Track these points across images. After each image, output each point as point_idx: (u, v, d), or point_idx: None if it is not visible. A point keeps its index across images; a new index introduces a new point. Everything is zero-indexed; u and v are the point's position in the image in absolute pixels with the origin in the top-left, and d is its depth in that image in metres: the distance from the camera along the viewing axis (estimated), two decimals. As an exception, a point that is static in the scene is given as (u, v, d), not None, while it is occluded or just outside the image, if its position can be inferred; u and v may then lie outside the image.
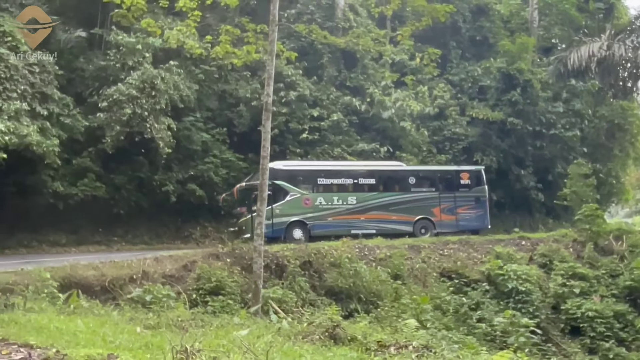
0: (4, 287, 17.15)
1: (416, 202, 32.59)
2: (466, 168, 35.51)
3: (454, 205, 33.21)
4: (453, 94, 42.38)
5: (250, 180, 30.26)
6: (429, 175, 34.46)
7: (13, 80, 28.95)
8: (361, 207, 31.54)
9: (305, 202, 30.76)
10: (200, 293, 20.15)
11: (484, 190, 34.29)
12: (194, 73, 35.84)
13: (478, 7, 46.02)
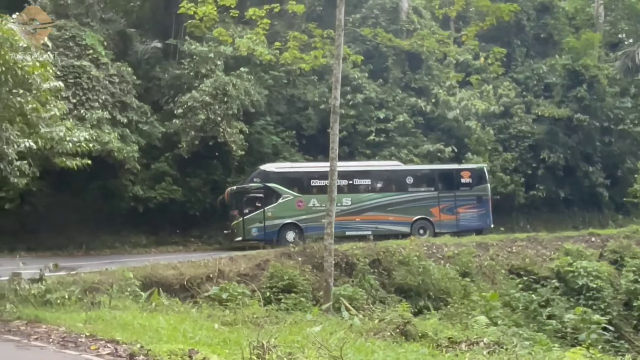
0: (90, 286, 17.72)
1: (414, 202, 31.19)
2: (467, 167, 33.84)
3: (454, 204, 31.68)
4: (518, 92, 41.48)
5: (243, 184, 30.11)
6: (427, 175, 32.95)
7: (95, 91, 29.92)
8: (356, 208, 30.49)
9: (298, 204, 29.93)
10: (273, 291, 20.35)
11: (487, 189, 32.70)
12: (263, 79, 36.18)
13: (542, 5, 44.94)
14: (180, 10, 21.12)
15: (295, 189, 30.13)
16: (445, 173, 33.06)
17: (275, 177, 29.81)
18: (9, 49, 13.71)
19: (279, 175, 30.07)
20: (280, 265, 21.63)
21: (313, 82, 37.63)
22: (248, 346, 9.24)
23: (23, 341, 10.56)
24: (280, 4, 23.74)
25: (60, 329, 11.41)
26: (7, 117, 15.26)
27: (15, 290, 14.77)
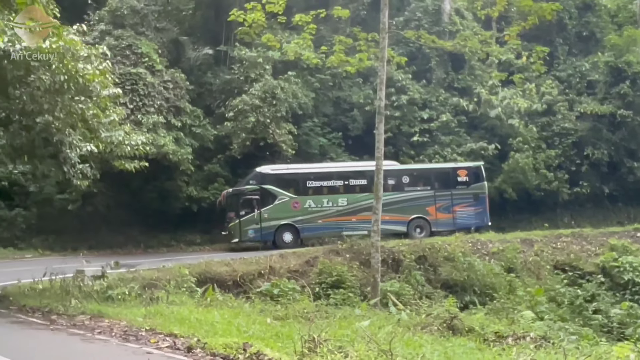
0: (148, 282, 18.01)
1: (410, 202, 30.21)
2: (463, 165, 32.76)
3: (451, 203, 30.70)
4: (561, 90, 40.60)
5: (239, 186, 29.55)
6: (423, 174, 31.97)
7: (150, 97, 30.48)
8: (352, 208, 29.55)
9: (294, 206, 29.19)
10: (322, 286, 20.39)
11: (484, 187, 31.72)
12: (310, 82, 36.28)
13: (584, 3, 43.90)
14: (230, 17, 21.32)
15: (291, 191, 29.48)
16: (442, 172, 32.14)
17: (271, 179, 29.17)
18: (71, 58, 14.03)
19: (275, 177, 29.39)
20: (329, 262, 21.66)
21: (358, 84, 37.56)
22: (300, 340, 9.27)
23: (87, 335, 10.77)
24: (326, 9, 23.78)
25: (121, 323, 11.62)
26: (70, 123, 15.63)
27: (79, 287, 15.10)
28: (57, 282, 15.48)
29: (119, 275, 17.33)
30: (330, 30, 34.62)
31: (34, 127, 15.85)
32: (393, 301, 18.13)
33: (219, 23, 35.24)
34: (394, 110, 35.96)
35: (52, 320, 12.25)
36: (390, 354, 8.22)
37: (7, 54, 13.70)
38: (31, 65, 14.16)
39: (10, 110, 16.68)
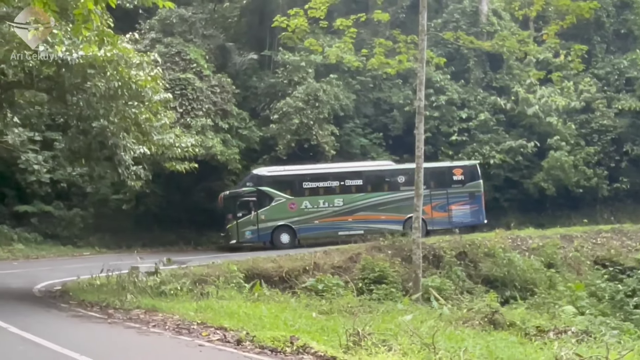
0: (199, 278, 18.22)
1: (406, 201, 27.95)
2: (459, 164, 31.74)
3: (447, 202, 29.86)
4: (599, 87, 39.63)
5: (236, 188, 29.09)
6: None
7: (199, 101, 30.87)
8: (348, 209, 29.05)
9: (290, 207, 28.67)
10: (365, 282, 20.33)
11: (479, 185, 30.73)
12: (351, 84, 36.28)
13: (622, 1, 42.71)
14: (274, 24, 21.47)
15: (288, 192, 29.00)
16: (437, 171, 30.61)
17: (267, 181, 28.72)
18: (125, 65, 14.29)
19: (272, 179, 28.93)
20: (371, 258, 21.61)
21: (398, 85, 37.37)
22: (344, 333, 9.27)
23: (143, 328, 10.93)
24: (366, 14, 23.72)
25: (174, 317, 11.75)
26: (124, 127, 15.93)
27: (134, 283, 15.32)
28: (114, 278, 15.75)
29: (171, 272, 17.55)
30: (370, 33, 34.53)
31: (91, 132, 16.20)
32: (435, 296, 17.97)
33: (263, 29, 35.50)
34: (432, 110, 35.66)
35: (110, 314, 12.44)
36: (433, 347, 8.16)
37: (65, 62, 14.06)
38: (87, 73, 14.49)
39: (68, 116, 17.13)
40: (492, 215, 36.14)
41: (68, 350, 8.45)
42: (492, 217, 35.34)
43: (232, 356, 8.72)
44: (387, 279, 20.25)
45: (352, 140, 35.77)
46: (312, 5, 20.04)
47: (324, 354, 8.66)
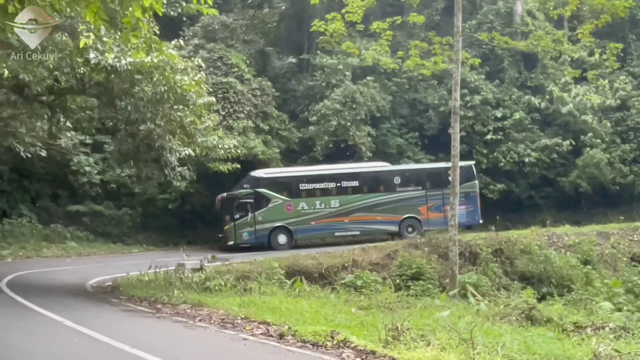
0: (242, 274, 18.33)
1: (402, 202, 28.88)
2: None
3: (442, 202, 28.67)
4: (634, 85, 38.64)
5: (234, 190, 28.12)
6: (415, 174, 30.35)
7: (240, 104, 31.16)
8: (345, 210, 28.37)
9: (287, 208, 28.03)
10: (402, 278, 20.19)
11: (475, 186, 30.22)
12: (387, 85, 36.15)
13: (657, -1, 41.77)
14: (312, 28, 21.48)
15: (285, 194, 28.33)
16: (433, 172, 30.28)
17: (265, 183, 28.06)
18: (170, 71, 14.49)
19: (269, 181, 28.33)
20: (408, 255, 21.46)
21: (433, 86, 37.09)
22: (383, 328, 9.23)
23: (189, 322, 11.06)
24: (401, 16, 23.58)
25: (219, 312, 11.86)
26: (170, 130, 16.15)
27: (181, 279, 15.52)
28: (161, 274, 15.96)
29: (215, 268, 17.71)
30: (405, 35, 34.35)
31: (139, 135, 16.48)
32: (472, 292, 17.76)
33: (301, 33, 35.65)
34: (467, 110, 35.29)
35: (158, 309, 12.60)
36: (471, 342, 8.07)
37: (115, 68, 14.32)
38: (135, 79, 14.74)
39: (117, 120, 17.44)
40: (528, 212, 35.70)
41: (120, 343, 8.59)
42: (527, 215, 34.91)
43: (275, 350, 8.77)
44: (424, 276, 20.08)
45: (389, 141, 35.65)
46: (349, 9, 19.99)
47: (363, 348, 8.64)
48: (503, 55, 37.33)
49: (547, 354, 8.27)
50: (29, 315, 11.28)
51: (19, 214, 26.62)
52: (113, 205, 30.16)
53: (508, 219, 33.27)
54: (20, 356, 7.75)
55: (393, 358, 8.10)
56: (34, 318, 11.01)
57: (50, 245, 26.14)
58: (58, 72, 15.54)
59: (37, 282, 16.98)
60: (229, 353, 8.57)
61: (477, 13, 39.44)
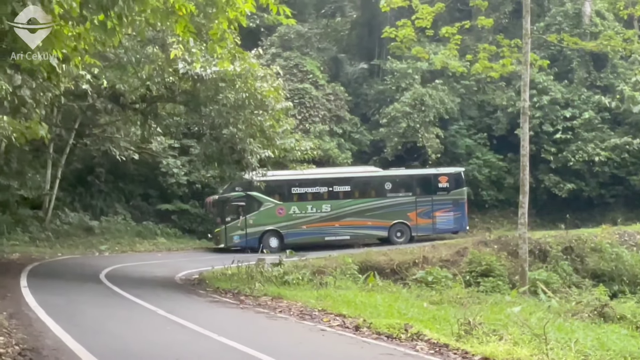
0: (317, 269, 18.53)
1: (392, 207, 27.33)
2: (445, 171, 29.37)
3: (431, 208, 27.70)
4: None
5: (225, 193, 26.27)
6: (405, 180, 28.62)
7: (315, 108, 31.47)
8: (335, 214, 26.81)
9: (278, 212, 26.36)
10: (472, 275, 19.90)
11: (463, 193, 28.72)
12: (456, 88, 35.59)
13: None
14: (383, 35, 21.38)
15: (276, 197, 26.60)
16: (423, 178, 28.88)
17: (257, 186, 24.81)
18: (251, 78, 14.77)
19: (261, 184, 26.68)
20: (478, 252, 21.12)
21: (501, 87, 36.17)
22: (456, 322, 9.12)
23: (271, 313, 11.24)
24: (470, 20, 23.17)
25: (297, 304, 12.00)
26: (250, 133, 16.45)
27: (261, 272, 15.80)
28: (243, 268, 16.27)
29: (293, 263, 17.95)
30: (474, 39, 33.66)
31: (222, 138, 16.85)
32: (542, 289, 17.24)
33: (372, 40, 35.63)
34: (536, 110, 34.18)
35: (241, 300, 12.87)
36: (544, 337, 7.85)
37: (201, 77, 14.75)
38: (219, 86, 15.11)
39: (202, 125, 17.89)
40: (598, 211, 34.28)
41: (208, 331, 8.84)
42: (597, 214, 33.53)
43: (351, 340, 8.81)
44: (494, 272, 19.72)
45: (457, 141, 35.09)
46: (419, 15, 19.80)
47: (437, 341, 8.57)
48: (572, 55, 35.98)
49: (622, 350, 7.97)
50: (126, 305, 11.73)
51: (114, 212, 27.65)
52: (198, 204, 30.89)
53: (578, 217, 32.03)
54: (119, 342, 8.08)
55: (466, 351, 7.99)
56: (131, 307, 11.45)
57: (143, 241, 27.01)
58: (150, 82, 16.11)
59: (131, 274, 17.62)
60: (309, 343, 8.67)
61: (545, 15, 38.18)
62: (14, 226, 23.16)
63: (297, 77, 31.90)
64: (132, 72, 15.69)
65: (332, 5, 40.13)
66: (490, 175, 34.56)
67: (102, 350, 7.18)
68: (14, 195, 23.91)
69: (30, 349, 6.93)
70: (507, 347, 7.84)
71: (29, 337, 7.67)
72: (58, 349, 7.18)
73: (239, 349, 7.73)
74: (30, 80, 9.00)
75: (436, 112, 33.31)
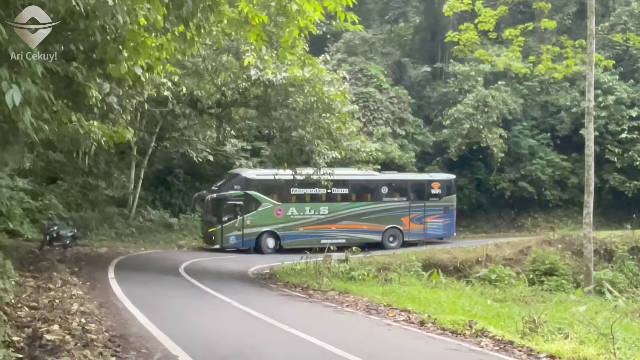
0: (382, 266, 18.48)
1: (387, 212, 25.71)
2: (438, 177, 27.91)
3: (423, 214, 26.29)
4: None
5: (222, 190, 23.68)
6: (401, 185, 26.62)
7: (379, 111, 31.34)
8: (333, 217, 24.92)
9: (277, 213, 24.11)
10: (536, 273, 19.35)
11: (453, 200, 27.39)
12: (518, 89, 34.64)
13: None
14: (447, 39, 21.11)
15: (275, 197, 24.31)
16: (417, 183, 27.24)
17: (255, 185, 23.91)
18: (319, 83, 14.86)
19: (259, 183, 24.03)
20: (542, 251, 20.50)
21: (565, 88, 34.92)
22: (521, 320, 8.89)
23: (338, 307, 11.26)
24: (532, 22, 22.51)
25: (363, 299, 11.98)
26: (318, 136, 16.55)
27: (329, 268, 15.85)
28: (311, 264, 16.37)
29: (358, 260, 17.93)
30: (537, 40, 32.64)
31: (291, 140, 17.03)
32: (609, 288, 16.54)
33: (435, 44, 35.27)
34: (600, 110, 32.77)
35: (310, 295, 12.96)
36: (611, 337, 7.54)
37: (271, 83, 14.97)
38: (289, 91, 15.28)
39: (272, 128, 18.15)
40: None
41: (279, 323, 8.96)
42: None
43: (417, 335, 8.73)
44: (558, 272, 19.10)
45: (520, 142, 34.13)
46: (481, 19, 19.40)
47: (501, 338, 8.38)
48: (638, 55, 34.35)
49: (692, 352, 7.55)
50: (203, 296, 12.04)
51: (192, 210, 28.41)
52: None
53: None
54: (197, 330, 8.30)
55: (531, 349, 7.78)
56: (207, 298, 11.74)
57: (217, 237, 27.59)
58: (225, 88, 16.50)
59: (207, 268, 18.04)
60: (376, 336, 8.65)
61: (609, 15, 36.60)
62: (102, 222, 24.11)
63: (361, 81, 31.86)
64: (209, 79, 16.11)
65: (396, 11, 39.86)
66: (554, 175, 33.43)
67: (182, 338, 7.41)
68: (101, 194, 24.96)
69: (118, 336, 7.22)
70: (573, 345, 7.58)
71: (117, 325, 7.99)
72: (143, 336, 7.44)
73: (308, 341, 7.81)
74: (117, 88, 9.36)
75: (499, 113, 32.51)
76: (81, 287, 10.95)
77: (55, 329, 6.70)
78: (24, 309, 7.97)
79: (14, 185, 20.00)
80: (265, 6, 8.15)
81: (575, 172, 32.77)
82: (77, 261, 15.11)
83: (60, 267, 12.83)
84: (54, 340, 6.08)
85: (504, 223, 34.14)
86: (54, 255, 14.94)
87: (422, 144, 33.21)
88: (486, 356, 7.48)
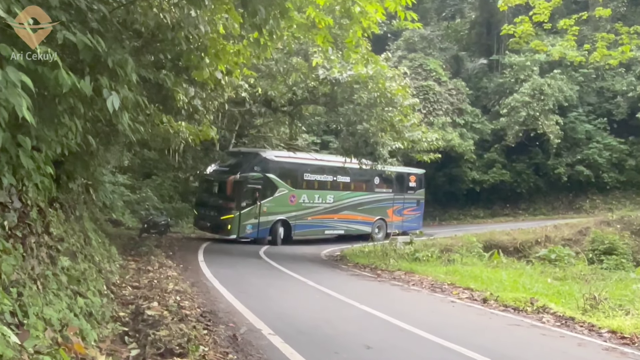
0: (444, 247, 18.13)
1: (378, 203, 23.13)
2: (413, 171, 25.20)
3: (403, 206, 24.12)
4: None
5: (244, 171, 18.78)
6: (389, 176, 22.52)
7: (439, 102, 30.70)
8: (336, 207, 21.60)
9: (291, 200, 20.05)
10: (595, 253, 18.46)
11: (423, 194, 25.50)
12: (574, 76, 33.07)
13: None
14: (502, 32, 20.33)
15: (289, 182, 20.10)
16: (400, 176, 24.09)
17: (273, 167, 19.52)
18: (381, 79, 14.72)
19: (278, 165, 19.76)
20: (601, 232, 19.53)
21: (621, 73, 33.04)
22: (581, 297, 8.54)
23: (404, 286, 11.19)
24: (587, 11, 21.33)
25: (428, 278, 11.84)
26: (381, 128, 16.41)
27: (395, 250, 15.77)
28: (378, 247, 16.35)
29: (422, 242, 17.73)
30: (591, 29, 31.01)
31: (357, 133, 16.97)
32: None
33: (490, 37, 34.21)
34: (660, 93, 30.87)
35: (378, 274, 12.93)
36: (673, 313, 7.11)
37: (338, 81, 14.95)
38: (354, 88, 15.21)
39: (339, 123, 18.14)
40: None
41: (351, 300, 8.99)
42: None
43: (480, 312, 8.55)
44: (617, 251, 18.15)
45: (577, 127, 32.60)
46: (536, 11, 18.50)
47: (562, 314, 8.08)
48: (696, 37, 31.96)
49: None
50: (282, 276, 12.21)
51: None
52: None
53: None
54: (277, 306, 8.43)
55: (592, 325, 7.46)
56: (285, 278, 11.90)
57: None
58: (295, 87, 16.63)
59: (284, 251, 18.25)
60: (441, 312, 8.53)
61: (666, -1, 34.30)
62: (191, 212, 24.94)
63: (421, 75, 31.30)
64: (281, 80, 16.29)
65: (452, 8, 38.95)
66: (612, 158, 31.75)
67: (264, 313, 7.56)
68: (190, 186, 25.76)
69: (209, 312, 7.44)
70: (635, 321, 7.20)
71: (207, 302, 8.24)
72: (230, 311, 7.65)
73: (378, 316, 7.79)
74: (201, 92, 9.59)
75: (555, 100, 31.20)
76: (175, 269, 11.34)
77: (155, 306, 6.98)
78: (128, 288, 8.35)
79: (115, 180, 20.96)
80: (331, 10, 8.11)
81: (632, 154, 31.10)
82: (170, 246, 15.65)
83: (157, 252, 13.33)
84: (154, 315, 6.34)
85: (562, 205, 32.80)
86: (151, 241, 15.51)
87: (480, 132, 32.35)
88: (548, 331, 7.23)
